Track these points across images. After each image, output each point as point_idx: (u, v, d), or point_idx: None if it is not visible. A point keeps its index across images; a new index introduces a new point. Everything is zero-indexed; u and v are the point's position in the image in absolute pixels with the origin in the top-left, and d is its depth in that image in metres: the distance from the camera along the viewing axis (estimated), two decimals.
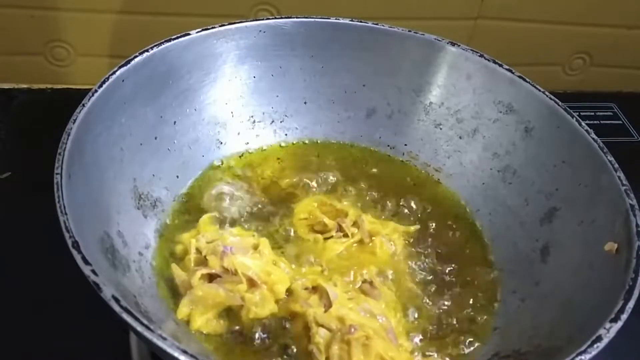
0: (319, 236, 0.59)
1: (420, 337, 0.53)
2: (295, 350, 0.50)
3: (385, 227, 0.60)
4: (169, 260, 0.55)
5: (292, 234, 0.60)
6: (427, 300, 0.56)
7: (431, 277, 0.58)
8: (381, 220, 0.62)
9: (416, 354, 0.52)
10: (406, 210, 0.64)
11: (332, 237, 0.59)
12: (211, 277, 0.52)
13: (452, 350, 0.53)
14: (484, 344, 0.54)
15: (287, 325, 0.52)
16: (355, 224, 0.60)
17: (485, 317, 0.56)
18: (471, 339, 0.54)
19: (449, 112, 0.68)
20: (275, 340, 0.51)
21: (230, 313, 0.52)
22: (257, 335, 0.51)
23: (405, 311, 0.55)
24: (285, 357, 0.50)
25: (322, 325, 0.50)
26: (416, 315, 0.55)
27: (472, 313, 0.56)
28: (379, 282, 0.56)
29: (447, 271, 0.59)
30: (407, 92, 0.69)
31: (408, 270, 0.58)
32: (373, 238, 0.59)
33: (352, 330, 0.49)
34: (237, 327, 0.51)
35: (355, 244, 0.59)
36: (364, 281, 0.56)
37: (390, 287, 0.56)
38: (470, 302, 0.57)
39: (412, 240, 0.61)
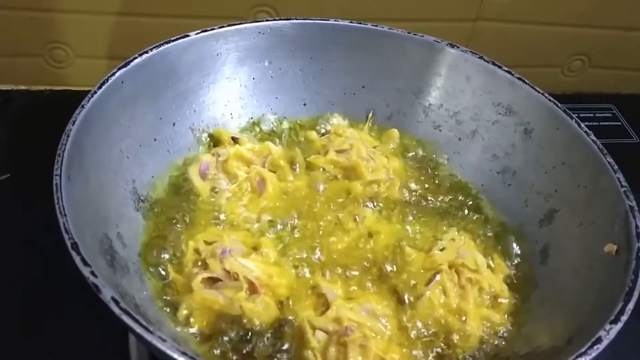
0: None
1: (421, 337, 0.53)
2: (292, 355, 0.50)
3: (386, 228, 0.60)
4: (168, 262, 0.55)
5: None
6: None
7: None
8: (381, 222, 0.62)
9: (416, 354, 0.52)
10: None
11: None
12: (212, 280, 0.52)
13: (452, 350, 0.53)
14: (484, 345, 0.54)
15: (285, 330, 0.51)
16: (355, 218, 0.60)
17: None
18: (471, 340, 0.53)
19: (448, 114, 0.68)
20: (273, 345, 0.50)
21: (228, 317, 0.51)
22: (255, 340, 0.51)
23: (405, 312, 0.55)
24: None
25: (318, 328, 0.50)
26: (417, 316, 0.54)
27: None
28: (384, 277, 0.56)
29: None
30: (407, 94, 0.69)
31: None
32: (374, 237, 0.59)
33: (348, 331, 0.48)
34: (235, 331, 0.51)
35: (357, 240, 0.59)
36: (367, 279, 0.56)
37: (391, 285, 0.56)
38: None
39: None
